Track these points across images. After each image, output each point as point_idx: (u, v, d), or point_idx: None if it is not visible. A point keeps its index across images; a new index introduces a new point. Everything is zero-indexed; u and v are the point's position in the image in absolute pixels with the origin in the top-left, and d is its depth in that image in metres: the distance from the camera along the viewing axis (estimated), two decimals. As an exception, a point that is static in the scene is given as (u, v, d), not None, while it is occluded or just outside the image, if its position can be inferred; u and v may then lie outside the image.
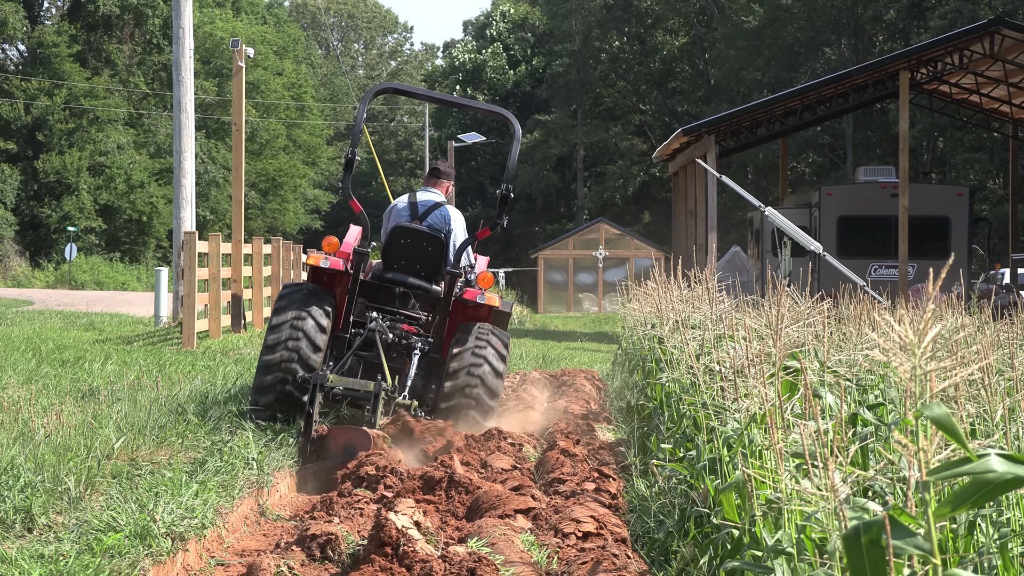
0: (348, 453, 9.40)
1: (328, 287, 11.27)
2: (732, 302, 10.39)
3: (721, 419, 6.33)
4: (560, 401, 13.75)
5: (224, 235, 24.14)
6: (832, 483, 3.25)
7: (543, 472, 9.14)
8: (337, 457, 9.44)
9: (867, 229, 31.46)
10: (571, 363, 20.65)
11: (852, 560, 2.87)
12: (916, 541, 2.83)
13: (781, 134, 36.54)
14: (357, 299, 11.18)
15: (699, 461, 6.55)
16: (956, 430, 2.74)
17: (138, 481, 7.88)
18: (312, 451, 9.63)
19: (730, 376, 6.04)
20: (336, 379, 10.17)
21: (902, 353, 2.88)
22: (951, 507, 2.87)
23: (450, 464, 8.86)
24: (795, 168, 62.51)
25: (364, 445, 9.40)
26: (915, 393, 2.93)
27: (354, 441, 9.52)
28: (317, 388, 9.78)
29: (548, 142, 68.11)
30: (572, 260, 50.18)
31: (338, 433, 9.70)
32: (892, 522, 2.87)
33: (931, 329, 2.86)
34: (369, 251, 11.29)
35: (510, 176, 11.20)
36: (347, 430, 9.76)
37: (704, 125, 30.66)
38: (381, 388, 10.05)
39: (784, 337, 6.22)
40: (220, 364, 15.77)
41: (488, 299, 11.16)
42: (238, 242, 22.98)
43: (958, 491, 2.87)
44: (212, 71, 65.86)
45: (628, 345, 16.30)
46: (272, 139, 69.15)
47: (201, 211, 59.48)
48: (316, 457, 9.62)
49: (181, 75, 23.22)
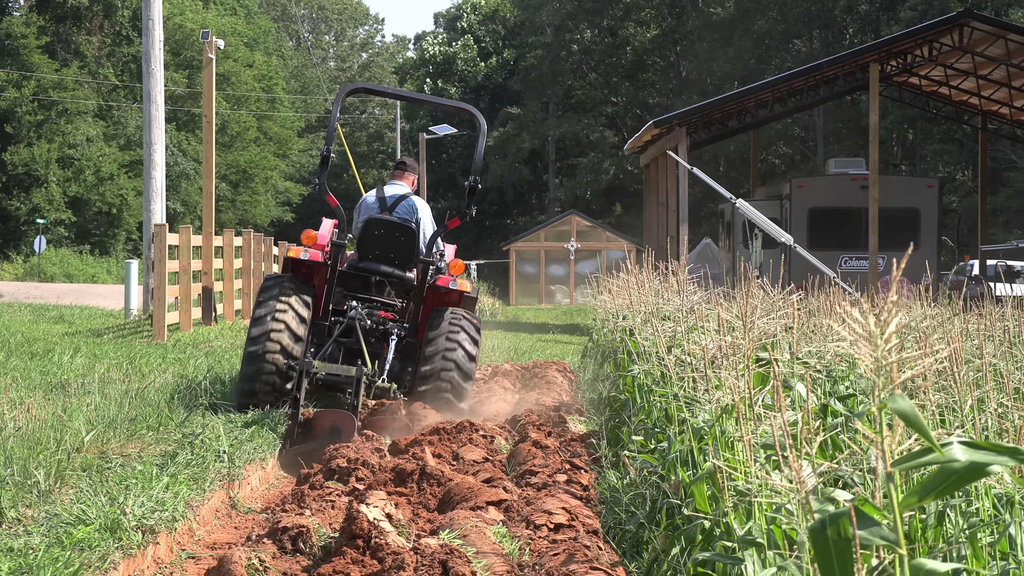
0: (333, 434, 9.98)
1: (307, 278, 11.78)
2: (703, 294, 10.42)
3: (692, 411, 6.35)
4: (532, 393, 13.78)
5: (195, 227, 24.08)
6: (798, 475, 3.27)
7: (515, 464, 9.16)
8: (323, 439, 9.95)
9: (837, 221, 31.58)
10: (543, 355, 20.67)
11: (819, 552, 2.90)
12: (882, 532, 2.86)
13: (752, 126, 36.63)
14: (335, 288, 11.78)
15: (670, 453, 6.57)
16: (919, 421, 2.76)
17: (108, 474, 7.86)
18: (299, 433, 10.21)
19: (701, 368, 6.06)
20: (321, 365, 10.78)
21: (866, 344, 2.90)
22: (917, 497, 2.90)
23: (422, 456, 8.88)
24: (766, 160, 62.69)
25: (348, 427, 9.98)
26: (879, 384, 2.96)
27: (339, 423, 10.08)
28: (303, 375, 10.33)
29: (520, 135, 68.12)
30: (544, 252, 50.19)
31: (323, 416, 10.28)
32: (858, 513, 2.90)
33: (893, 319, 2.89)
34: (345, 243, 11.75)
35: (477, 168, 11.76)
36: (332, 413, 10.32)
37: (675, 117, 30.72)
38: (362, 373, 10.56)
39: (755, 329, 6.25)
40: (191, 357, 15.73)
41: (460, 285, 11.85)
42: (209, 234, 22.91)
43: (924, 481, 2.90)
44: (182, 63, 65.56)
45: (600, 337, 16.33)
46: (243, 131, 68.90)
47: (171, 203, 59.23)
48: (303, 439, 10.17)
49: (151, 67, 23.11)
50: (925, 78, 33.99)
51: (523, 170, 69.16)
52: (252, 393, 10.96)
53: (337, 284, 11.79)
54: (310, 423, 10.27)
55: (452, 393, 11.35)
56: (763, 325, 6.58)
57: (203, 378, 12.83)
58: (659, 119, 31.31)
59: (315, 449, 9.73)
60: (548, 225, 51.88)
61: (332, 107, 11.80)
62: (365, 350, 11.29)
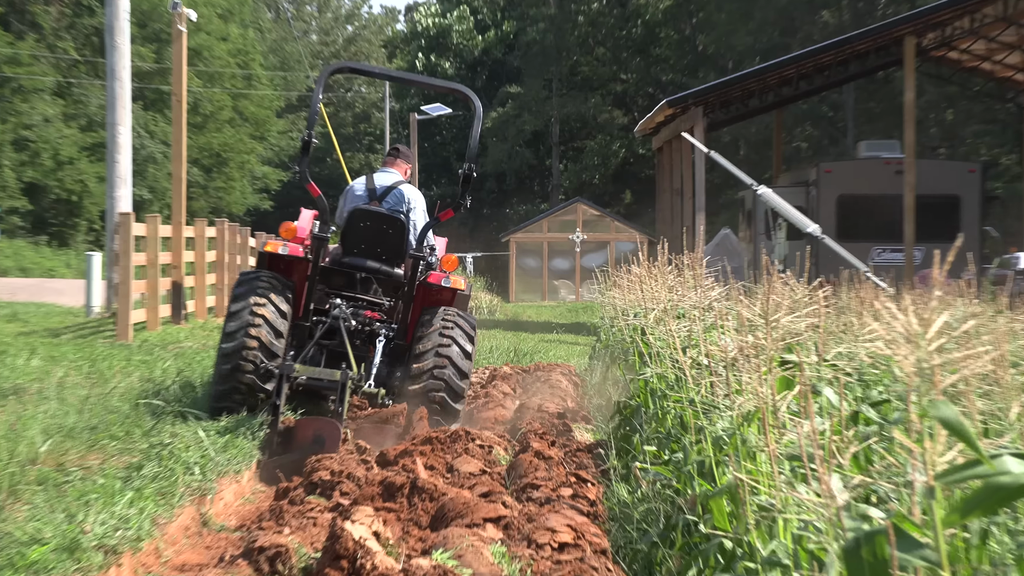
0: (317, 444, 9.96)
1: (286, 274, 11.74)
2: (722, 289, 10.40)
3: (710, 418, 6.33)
4: (534, 399, 13.79)
5: (163, 217, 24.07)
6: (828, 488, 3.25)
7: (515, 477, 9.15)
8: (305, 449, 9.93)
9: (869, 209, 31.58)
10: (546, 357, 20.67)
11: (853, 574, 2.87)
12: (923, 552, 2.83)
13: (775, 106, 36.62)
14: (317, 286, 11.71)
15: (686, 464, 6.55)
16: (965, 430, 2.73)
17: (66, 489, 7.83)
18: (279, 443, 10.13)
19: (720, 371, 6.04)
20: (303, 369, 10.70)
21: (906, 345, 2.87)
22: (961, 514, 2.87)
23: (413, 468, 8.87)
24: (790, 143, 62.69)
25: (333, 436, 9.95)
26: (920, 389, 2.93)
27: (322, 432, 10.04)
28: (284, 379, 10.26)
29: (520, 116, 68.11)
30: (547, 244, 50.19)
31: (306, 424, 10.23)
32: (896, 532, 2.87)
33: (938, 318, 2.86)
34: (328, 236, 11.70)
35: (472, 155, 11.72)
36: (315, 421, 10.26)
37: (691, 96, 30.70)
38: (348, 377, 10.50)
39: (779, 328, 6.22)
40: (158, 359, 15.72)
41: (453, 282, 11.80)
42: (178, 224, 22.90)
43: (968, 497, 2.87)
44: (150, 36, 65.54)
45: (608, 337, 16.32)
46: (216, 111, 68.88)
47: (138, 190, 59.22)
48: (284, 449, 10.11)
49: (115, 40, 23.07)
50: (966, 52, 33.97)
51: (524, 154, 69.16)
52: (226, 399, 10.94)
53: (319, 281, 11.75)
54: (291, 432, 10.25)
55: (446, 392, 11.31)
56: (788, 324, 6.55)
57: (172, 382, 12.81)
58: (673, 98, 31.30)
59: (297, 460, 9.72)
60: (551, 214, 51.90)
61: (314, 88, 11.78)
62: (351, 352, 11.25)
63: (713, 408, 6.24)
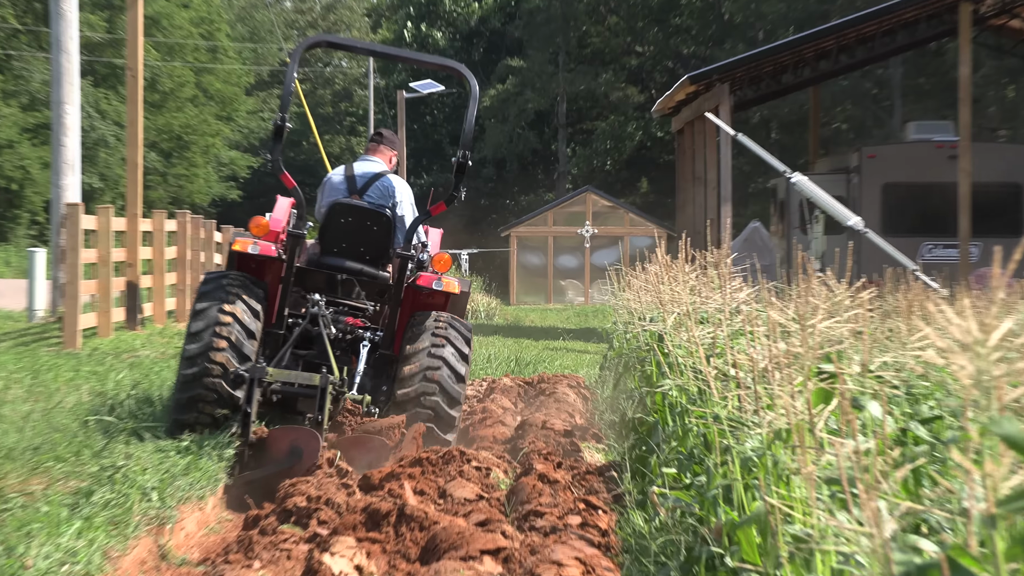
0: (294, 456, 10.05)
1: (257, 276, 11.76)
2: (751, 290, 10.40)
3: (738, 436, 6.33)
4: (538, 414, 13.80)
5: (116, 208, 24.05)
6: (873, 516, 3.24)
7: (516, 503, 9.15)
8: (280, 462, 10.05)
9: (919, 199, 31.57)
10: (551, 367, 20.69)
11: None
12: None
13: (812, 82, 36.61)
14: (292, 288, 11.76)
15: (710, 488, 6.54)
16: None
17: (5, 518, 7.82)
18: (251, 457, 10.22)
19: (749, 382, 6.04)
20: (276, 372, 10.78)
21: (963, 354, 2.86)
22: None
23: (400, 493, 8.86)
24: (829, 124, 62.73)
25: (312, 447, 10.05)
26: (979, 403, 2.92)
27: (300, 443, 10.14)
28: (255, 383, 10.35)
29: (523, 93, 68.14)
30: (552, 239, 50.23)
31: (281, 435, 10.31)
32: (952, 566, 2.86)
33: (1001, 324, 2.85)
34: (304, 233, 11.74)
35: (467, 141, 11.77)
36: (291, 431, 10.34)
37: (716, 71, 30.71)
38: (328, 382, 10.58)
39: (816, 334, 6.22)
40: (111, 369, 15.71)
41: (446, 284, 11.82)
42: (134, 216, 22.89)
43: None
44: (101, 2, 65.61)
45: (621, 344, 16.32)
46: (177, 88, 68.91)
47: (88, 178, 59.27)
48: (256, 464, 10.18)
49: (61, 7, 23.07)
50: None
51: (527, 137, 69.20)
52: (190, 409, 10.96)
53: (295, 283, 11.79)
54: (264, 444, 10.30)
55: (436, 422, 11.32)
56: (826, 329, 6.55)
57: (127, 396, 12.81)
58: (696, 73, 31.31)
59: (271, 475, 9.81)
60: (558, 205, 51.94)
61: (288, 64, 11.79)
62: (331, 353, 11.28)
63: (741, 425, 6.24)
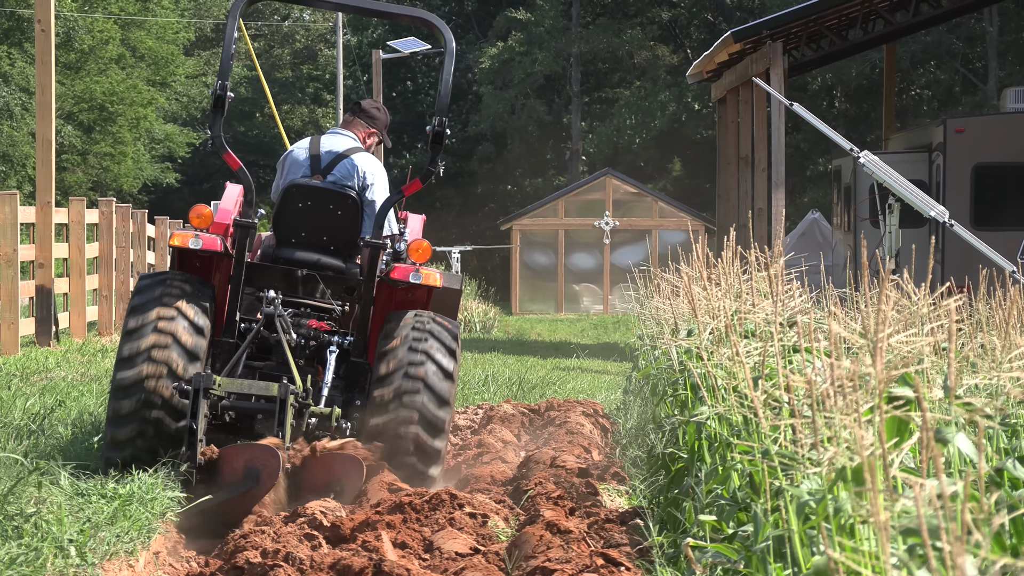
0: (250, 479, 10.24)
1: (203, 275, 11.90)
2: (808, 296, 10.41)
3: (792, 476, 6.33)
4: (545, 449, 13.79)
5: (24, 195, 24.07)
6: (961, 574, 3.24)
7: (520, 558, 9.16)
8: (235, 487, 10.26)
9: (1019, 185, 31.56)
10: (562, 391, 20.67)
11: None
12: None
13: (885, 39, 36.58)
14: (244, 289, 11.85)
15: (758, 541, 6.55)
16: None
17: None
18: (199, 480, 10.40)
19: (805, 410, 6.04)
20: (226, 382, 10.97)
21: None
22: None
23: (377, 546, 8.87)
24: (907, 91, 62.75)
25: (271, 467, 10.24)
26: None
27: (257, 462, 10.32)
28: (201, 395, 10.54)
29: (528, 54, 68.11)
30: (564, 233, 50.24)
31: (234, 454, 10.49)
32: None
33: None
34: (256, 222, 11.83)
35: (444, 107, 12.01)
36: (246, 448, 10.55)
37: (766, 26, 30.70)
38: (289, 392, 10.77)
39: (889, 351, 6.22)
40: (18, 395, 15.69)
41: (425, 277, 11.87)
42: (46, 205, 22.90)
43: None
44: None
45: (649, 363, 16.32)
46: (98, 46, 68.83)
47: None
48: (206, 490, 10.31)
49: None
50: None
51: (533, 107, 69.15)
52: (127, 447, 11.02)
53: (247, 282, 11.86)
54: (216, 465, 10.44)
55: (416, 456, 11.43)
56: (902, 345, 6.55)
57: (38, 427, 12.79)
58: (740, 28, 31.30)
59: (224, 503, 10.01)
60: (570, 192, 51.95)
61: (227, 24, 11.85)
62: (293, 364, 11.37)
63: (795, 462, 6.24)
